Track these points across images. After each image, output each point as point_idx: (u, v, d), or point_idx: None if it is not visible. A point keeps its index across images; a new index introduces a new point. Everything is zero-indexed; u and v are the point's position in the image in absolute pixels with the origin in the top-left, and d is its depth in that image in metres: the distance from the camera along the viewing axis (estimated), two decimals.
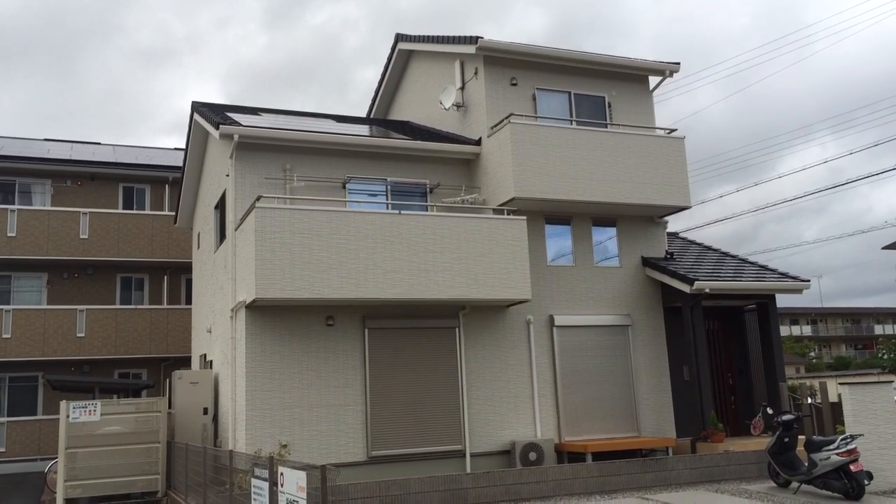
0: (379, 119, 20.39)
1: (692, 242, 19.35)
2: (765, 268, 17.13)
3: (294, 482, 5.99)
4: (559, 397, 15.34)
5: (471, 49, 15.91)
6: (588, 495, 11.69)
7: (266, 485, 6.89)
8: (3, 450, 22.12)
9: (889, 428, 11.56)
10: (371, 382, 14.04)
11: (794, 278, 16.50)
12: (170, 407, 15.77)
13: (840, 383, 11.91)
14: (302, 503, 5.82)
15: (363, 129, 16.92)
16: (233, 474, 9.09)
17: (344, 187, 15.28)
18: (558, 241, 16.25)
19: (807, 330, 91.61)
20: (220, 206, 16.36)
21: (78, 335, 23.13)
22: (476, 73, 16.33)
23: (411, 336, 14.53)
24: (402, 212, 14.12)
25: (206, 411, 15.59)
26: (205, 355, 17.87)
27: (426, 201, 15.77)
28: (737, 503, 10.75)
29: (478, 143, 16.12)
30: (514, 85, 16.24)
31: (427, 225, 14.08)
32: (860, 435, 11.01)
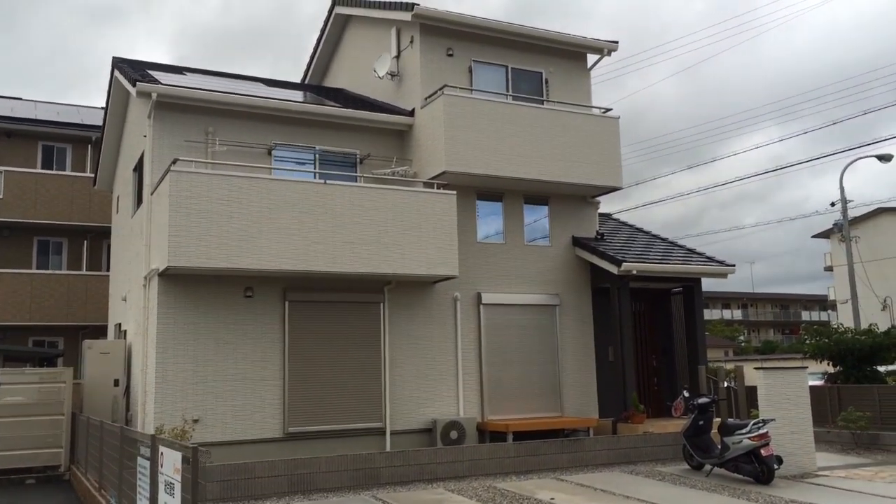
0: (313, 85, 19.77)
1: (624, 224, 19.33)
2: (692, 251, 17.20)
3: (171, 463, 5.60)
4: (483, 376, 15.17)
5: (406, 16, 15.43)
6: (504, 475, 11.52)
7: (148, 464, 6.46)
8: None
9: (801, 413, 11.66)
10: (290, 357, 13.61)
11: (720, 263, 16.60)
12: (80, 377, 15.10)
13: (755, 368, 11.96)
14: (177, 486, 5.43)
15: (293, 94, 16.32)
16: (123, 452, 8.61)
17: (270, 154, 14.73)
18: (489, 218, 16.00)
19: (738, 314, 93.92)
20: (139, 168, 15.62)
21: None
22: (412, 42, 15.87)
23: (334, 310, 14.13)
24: (328, 182, 13.65)
25: (116, 383, 14.96)
26: (119, 325, 17.16)
27: (356, 171, 15.32)
28: (651, 485, 10.71)
29: (411, 113, 15.70)
30: (451, 56, 15.84)
31: (354, 196, 13.65)
32: (772, 420, 11.07)
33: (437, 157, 14.78)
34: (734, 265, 16.55)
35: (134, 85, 13.65)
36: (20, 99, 28.61)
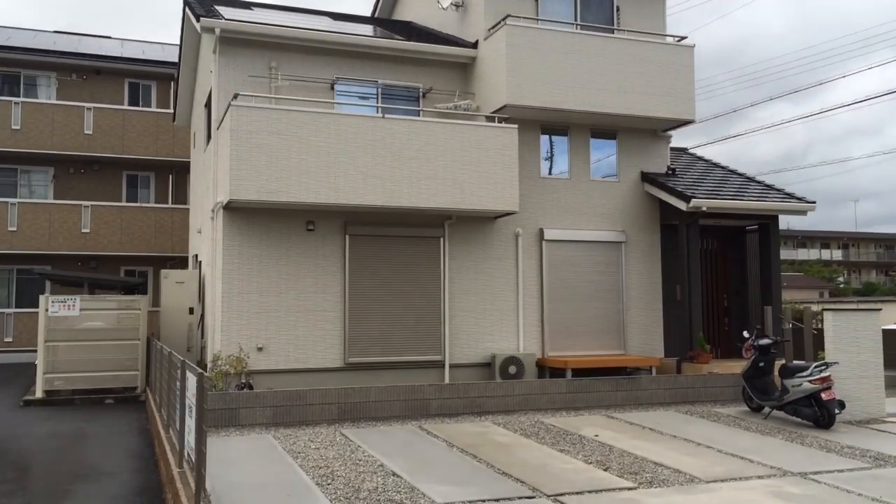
0: (380, 19, 19.58)
1: (700, 159, 18.62)
2: (770, 187, 16.44)
3: (192, 387, 5.81)
4: (545, 312, 15.07)
5: None
6: (555, 411, 11.53)
7: (179, 387, 6.74)
8: (10, 340, 22.64)
9: (870, 357, 11.15)
10: (350, 289, 13.85)
11: (799, 199, 15.82)
12: (158, 305, 15.82)
13: (824, 309, 11.45)
14: (193, 409, 5.64)
15: (358, 28, 16.22)
16: (171, 376, 8.98)
17: (332, 88, 14.76)
18: (554, 153, 15.66)
19: (837, 254, 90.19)
20: (209, 104, 15.95)
21: (83, 231, 23.24)
22: None
23: (394, 244, 14.24)
24: (386, 115, 13.61)
25: (191, 311, 15.61)
26: (196, 256, 17.82)
27: (419, 106, 15.20)
28: (703, 425, 10.51)
29: (474, 45, 15.39)
30: None
31: (412, 130, 13.57)
32: (835, 363, 10.63)
33: (498, 91, 14.48)
34: (814, 202, 15.74)
35: (198, 20, 13.83)
36: (109, 37, 29.51)
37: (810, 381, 10.25)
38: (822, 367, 10.36)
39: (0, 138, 22.82)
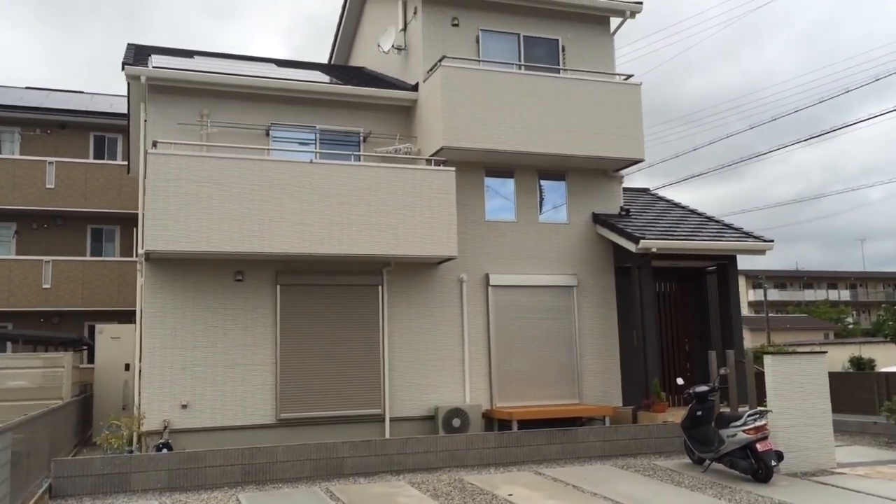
0: (332, 65, 19.36)
1: (662, 199, 18.10)
2: (728, 227, 15.86)
3: None
4: (492, 361, 14.41)
5: None
6: (482, 467, 10.81)
7: None
8: None
9: (818, 403, 10.43)
10: (282, 341, 13.26)
11: (757, 238, 15.22)
12: (92, 362, 15.26)
13: (763, 352, 10.76)
14: None
15: (301, 74, 15.90)
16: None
17: (267, 134, 14.37)
18: (499, 195, 15.17)
19: (845, 294, 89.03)
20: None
21: (44, 286, 22.78)
22: (415, 13, 15.17)
23: (329, 293, 13.68)
24: (314, 161, 13.19)
25: (127, 367, 15.03)
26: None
27: (359, 150, 14.78)
28: (633, 481, 9.77)
29: (414, 88, 15.04)
30: (456, 26, 15.06)
31: (341, 175, 13.13)
32: (768, 410, 9.92)
33: (436, 133, 14.07)
34: (772, 241, 15.13)
35: (123, 69, 13.53)
36: (81, 92, 29.47)
37: (744, 431, 9.54)
38: (756, 416, 9.65)
39: None
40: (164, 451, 11.75)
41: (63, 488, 9.08)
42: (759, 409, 9.96)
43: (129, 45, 16.55)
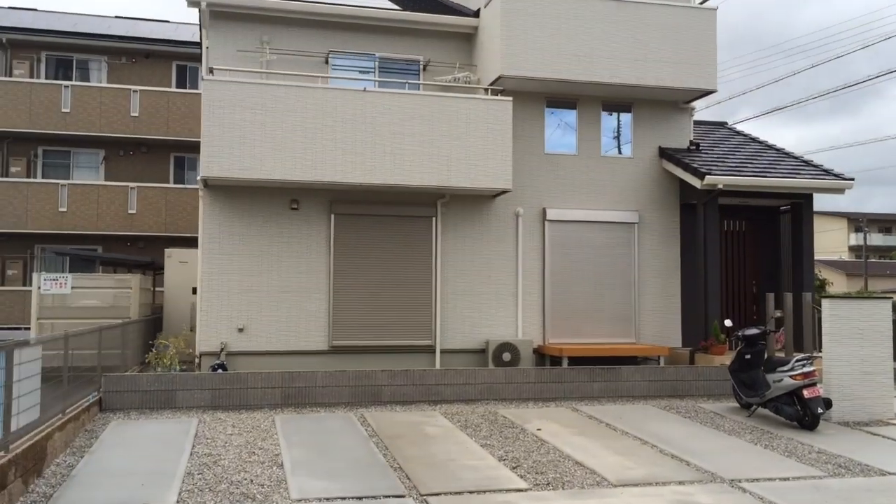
0: None
1: (739, 133, 17.20)
2: (808, 163, 14.96)
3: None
4: (546, 297, 14.22)
5: None
6: (521, 402, 10.75)
7: None
8: None
9: (876, 351, 9.83)
10: (335, 270, 13.41)
11: (836, 176, 14.31)
12: (163, 285, 15.87)
13: (823, 296, 10.18)
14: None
15: (368, 1, 15.63)
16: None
17: (327, 62, 14.28)
18: (560, 127, 14.72)
19: None
20: None
21: (129, 212, 23.74)
22: None
23: (382, 224, 13.69)
24: (368, 89, 13.06)
25: (194, 290, 15.52)
26: None
27: (419, 79, 14.56)
28: (669, 422, 9.53)
29: (476, 14, 14.61)
30: None
31: (395, 104, 12.97)
32: (817, 356, 9.43)
33: (495, 61, 13.68)
34: (852, 179, 14.20)
35: None
36: (167, 21, 30.05)
37: (791, 377, 9.11)
38: (805, 362, 9.19)
39: (52, 121, 23.52)
40: (220, 371, 12.22)
41: (112, 402, 9.55)
42: (809, 354, 9.50)
43: None
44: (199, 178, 13.19)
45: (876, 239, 78.06)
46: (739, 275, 15.33)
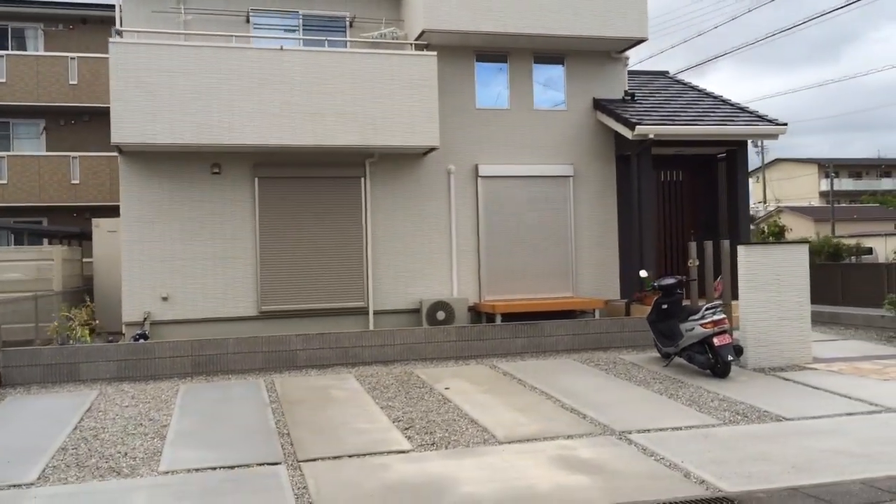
0: None
1: (678, 82, 16.95)
2: (743, 110, 14.77)
3: None
4: (481, 254, 14.03)
5: None
6: (441, 361, 10.61)
7: None
8: None
9: (793, 297, 9.75)
10: (262, 234, 13.13)
11: (770, 121, 14.13)
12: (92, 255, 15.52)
13: (739, 244, 10.04)
14: None
15: None
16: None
17: (248, 21, 13.83)
18: (492, 81, 14.40)
19: None
20: None
21: (73, 182, 23.23)
22: None
23: (309, 186, 13.39)
24: (284, 48, 12.64)
25: None
26: None
27: (346, 36, 14.14)
28: (583, 374, 9.44)
29: None
30: None
31: (314, 62, 12.60)
32: (721, 304, 9.35)
33: (418, 16, 13.29)
34: (786, 124, 14.02)
35: None
36: None
37: (701, 325, 9.01)
38: (715, 309, 9.08)
39: None
40: (141, 341, 11.98)
41: (12, 377, 9.30)
42: (719, 302, 9.39)
43: None
44: (112, 143, 12.79)
45: (846, 184, 78.40)
46: (678, 225, 15.22)
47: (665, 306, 9.94)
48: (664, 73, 17.59)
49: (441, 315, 13.34)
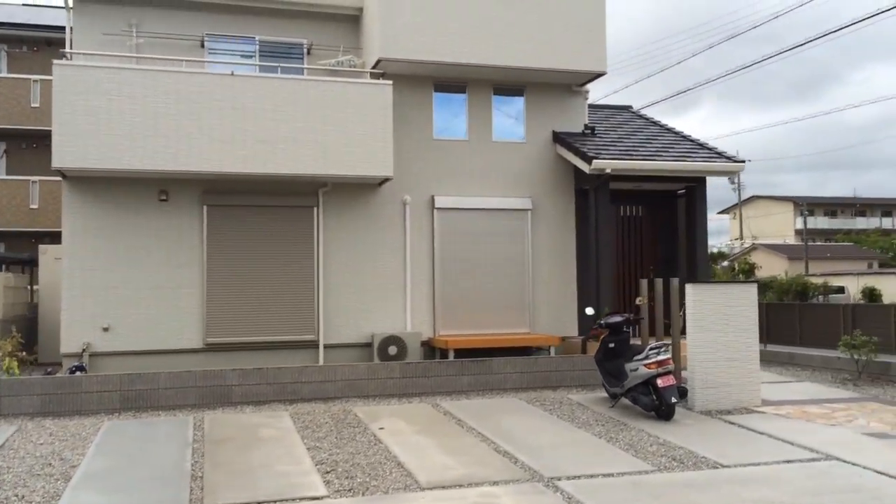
0: None
1: (641, 117, 16.89)
2: (702, 146, 14.68)
3: None
4: (436, 288, 13.75)
5: None
6: (383, 398, 10.28)
7: None
8: None
9: (742, 337, 9.54)
10: (210, 264, 12.78)
11: (728, 158, 14.05)
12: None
13: (687, 282, 9.85)
14: None
15: None
16: None
17: (202, 46, 13.61)
18: (450, 112, 14.23)
19: None
20: None
21: (31, 207, 22.78)
22: None
23: (260, 215, 13.07)
24: (235, 73, 12.42)
25: None
26: None
27: (303, 63, 13.95)
28: (527, 415, 9.13)
29: None
30: None
31: (266, 89, 12.36)
32: (667, 344, 9.11)
33: (375, 44, 13.14)
34: (743, 161, 14.00)
35: None
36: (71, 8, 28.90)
37: (645, 366, 8.76)
38: (660, 349, 8.84)
39: None
40: (78, 373, 11.56)
41: None
42: (663, 342, 9.17)
43: None
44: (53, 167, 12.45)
45: (821, 222, 79.14)
46: (637, 261, 15.05)
47: (612, 345, 9.70)
48: (627, 108, 17.54)
49: (393, 350, 13.01)
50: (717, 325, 9.47)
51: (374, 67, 13.25)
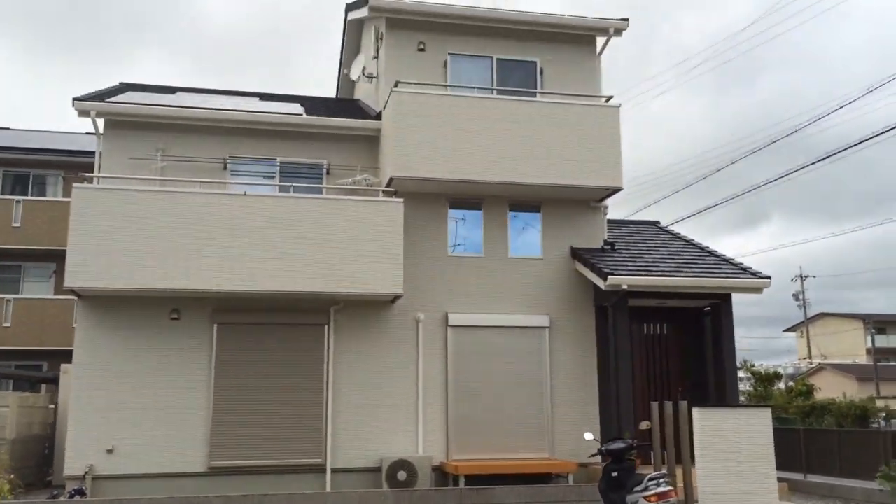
0: (322, 97, 18.89)
1: (667, 232, 16.53)
2: (728, 262, 14.19)
3: None
4: (450, 410, 13.28)
5: (363, 12, 14.21)
6: None
7: None
8: None
9: (758, 465, 8.80)
10: (217, 384, 12.63)
11: (753, 275, 13.50)
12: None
13: (696, 407, 9.21)
14: None
15: (263, 105, 15.50)
16: None
17: (225, 168, 13.97)
18: (465, 228, 14.16)
19: None
20: None
21: (73, 325, 23.25)
22: (381, 39, 14.56)
23: (270, 333, 12.99)
24: (248, 193, 12.66)
25: None
26: None
27: (323, 183, 14.17)
28: None
29: (377, 117, 14.37)
30: (422, 51, 14.36)
31: (278, 208, 12.55)
32: (668, 475, 8.41)
33: (388, 163, 13.30)
34: (768, 278, 13.37)
35: (73, 104, 13.50)
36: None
37: (645, 498, 8.09)
38: (660, 480, 8.18)
39: (1, 237, 23.43)
40: (77, 497, 11.36)
41: None
42: (664, 472, 8.49)
43: (121, 83, 16.69)
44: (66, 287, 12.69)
45: (895, 341, 75.56)
46: (663, 381, 14.31)
47: (615, 474, 9.02)
48: (654, 223, 17.23)
49: (402, 475, 12.44)
50: (728, 454, 8.79)
51: (387, 186, 13.36)
